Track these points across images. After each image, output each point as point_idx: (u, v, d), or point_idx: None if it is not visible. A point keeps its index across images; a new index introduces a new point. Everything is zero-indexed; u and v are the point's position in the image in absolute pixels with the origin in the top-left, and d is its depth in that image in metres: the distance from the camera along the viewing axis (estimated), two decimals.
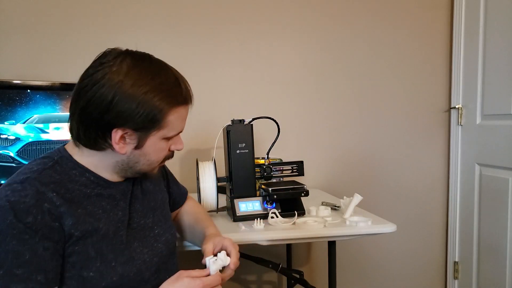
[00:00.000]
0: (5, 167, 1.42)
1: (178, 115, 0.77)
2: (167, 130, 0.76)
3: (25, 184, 0.69)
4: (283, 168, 1.45)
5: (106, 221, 0.76)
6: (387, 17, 2.01)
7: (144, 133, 0.74)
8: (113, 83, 0.70)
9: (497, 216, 1.79)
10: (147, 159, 0.79)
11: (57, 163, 0.76)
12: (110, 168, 0.80)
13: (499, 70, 1.76)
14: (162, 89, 0.72)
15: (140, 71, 0.71)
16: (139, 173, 0.82)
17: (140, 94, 0.70)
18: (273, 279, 2.01)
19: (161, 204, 0.93)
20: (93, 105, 0.70)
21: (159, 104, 0.72)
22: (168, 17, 1.81)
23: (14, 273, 0.64)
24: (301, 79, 1.95)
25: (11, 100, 1.42)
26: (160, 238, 0.87)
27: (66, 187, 0.74)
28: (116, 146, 0.74)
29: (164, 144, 0.80)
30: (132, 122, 0.71)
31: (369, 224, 1.24)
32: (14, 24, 1.68)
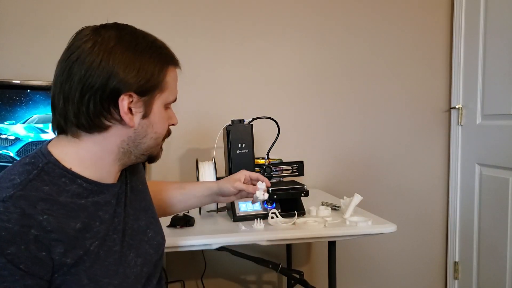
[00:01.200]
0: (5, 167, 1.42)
1: (173, 76, 0.74)
2: (167, 93, 0.73)
3: (8, 203, 0.58)
4: (283, 168, 1.45)
5: (103, 236, 0.68)
6: (387, 17, 2.01)
7: (149, 97, 0.70)
8: (108, 49, 0.65)
9: (497, 216, 1.79)
10: (154, 130, 0.73)
11: (43, 171, 0.65)
12: (112, 155, 0.71)
13: (499, 70, 1.76)
14: (154, 50, 0.70)
15: (128, 35, 0.69)
16: (145, 153, 0.75)
17: (138, 55, 0.67)
18: (273, 279, 2.01)
19: (150, 204, 0.87)
20: (93, 74, 0.64)
21: (157, 64, 0.70)
22: (168, 17, 1.81)
23: None
24: (301, 79, 1.95)
25: (11, 100, 1.42)
26: (152, 242, 0.81)
27: (57, 202, 0.63)
28: (125, 117, 0.67)
29: (165, 113, 0.75)
30: (136, 85, 0.67)
31: (369, 224, 1.24)
32: (14, 24, 1.68)
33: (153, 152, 0.76)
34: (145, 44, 0.69)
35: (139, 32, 0.71)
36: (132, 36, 0.69)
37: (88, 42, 0.66)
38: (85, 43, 0.66)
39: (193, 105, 1.84)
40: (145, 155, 0.75)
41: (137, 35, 0.70)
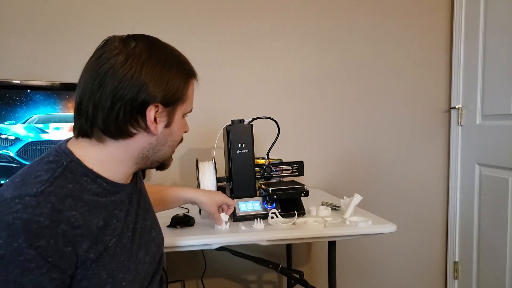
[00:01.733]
0: (5, 167, 1.42)
1: (192, 88, 0.80)
2: (187, 104, 0.79)
3: (40, 198, 0.60)
4: (283, 168, 1.45)
5: (119, 233, 0.72)
6: (387, 17, 2.01)
7: (172, 108, 0.75)
8: (140, 62, 0.70)
9: (497, 216, 1.79)
10: (173, 139, 0.79)
11: (67, 169, 0.68)
12: (132, 159, 0.76)
13: (499, 70, 1.76)
14: (181, 64, 0.76)
15: (158, 50, 0.74)
16: (160, 160, 0.81)
17: (167, 70, 0.72)
18: (273, 279, 2.01)
19: (151, 205, 0.91)
20: (125, 86, 0.68)
21: (182, 78, 0.75)
22: (169, 17, 1.81)
23: None
24: (301, 79, 1.95)
25: (11, 100, 1.42)
26: (156, 240, 0.86)
27: (82, 199, 0.66)
28: (151, 126, 0.72)
29: (183, 122, 0.81)
30: (164, 98, 0.72)
31: (369, 224, 1.24)
32: (14, 24, 1.68)
33: (167, 159, 0.83)
34: (173, 59, 0.75)
35: (167, 46, 0.77)
36: (162, 51, 0.74)
37: (120, 54, 0.70)
38: (117, 55, 0.70)
39: (194, 105, 1.83)
40: (159, 161, 0.81)
41: (165, 49, 0.75)
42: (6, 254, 0.57)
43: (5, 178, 1.42)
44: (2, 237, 0.57)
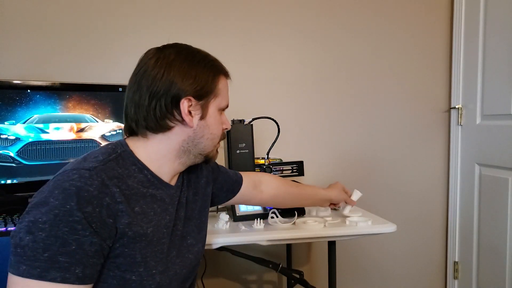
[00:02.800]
0: (5, 167, 1.41)
1: (224, 84, 0.88)
2: (220, 98, 0.86)
3: (93, 172, 0.70)
4: (283, 168, 1.45)
5: (155, 225, 0.78)
6: (387, 17, 2.01)
7: (205, 101, 0.82)
8: (169, 62, 0.79)
9: (497, 216, 1.79)
10: (210, 131, 0.84)
11: (120, 156, 0.78)
12: (174, 153, 0.82)
13: (499, 70, 1.76)
14: (208, 62, 0.83)
15: (185, 50, 0.82)
16: (202, 153, 0.86)
17: (193, 66, 0.80)
18: (273, 279, 2.01)
19: (197, 214, 0.94)
20: (158, 83, 0.78)
21: (210, 73, 0.82)
22: (168, 17, 1.81)
23: (57, 259, 0.65)
24: (301, 79, 1.95)
25: (11, 100, 1.42)
26: (193, 248, 0.90)
27: (126, 183, 0.75)
28: (186, 118, 0.79)
29: (219, 117, 0.87)
30: (194, 91, 0.79)
31: (369, 224, 1.24)
32: (14, 24, 1.68)
33: (210, 153, 0.88)
34: (200, 57, 0.82)
35: (194, 48, 0.85)
36: (188, 51, 0.82)
37: (152, 59, 0.80)
38: (150, 59, 0.80)
39: None
40: (202, 154, 0.86)
41: (192, 50, 0.84)
42: (59, 214, 0.65)
43: (5, 178, 1.42)
44: (59, 199, 0.66)
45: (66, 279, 0.65)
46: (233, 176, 1.12)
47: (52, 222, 0.65)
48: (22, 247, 0.64)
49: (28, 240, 0.64)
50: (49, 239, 0.64)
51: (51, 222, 0.65)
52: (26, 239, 0.64)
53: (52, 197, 0.67)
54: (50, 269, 0.64)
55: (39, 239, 0.64)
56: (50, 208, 0.66)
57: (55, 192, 0.67)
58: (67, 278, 0.65)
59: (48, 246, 0.64)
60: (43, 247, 0.64)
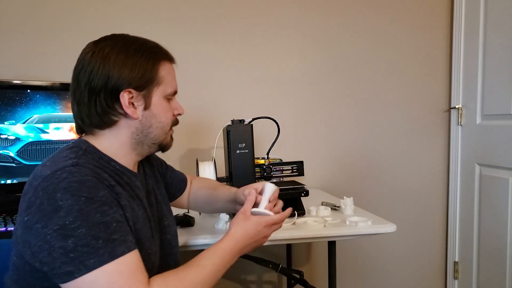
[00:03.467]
0: (5, 167, 1.41)
1: (167, 70, 0.83)
2: (164, 86, 0.82)
3: (78, 166, 0.70)
4: (283, 168, 1.45)
5: (139, 208, 0.80)
6: (387, 17, 2.01)
7: (147, 91, 0.79)
8: (104, 55, 0.77)
9: (497, 216, 1.79)
10: (158, 120, 0.82)
11: (86, 151, 0.77)
12: (127, 146, 0.82)
13: (499, 70, 1.76)
14: (145, 49, 0.80)
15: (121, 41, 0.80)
16: (155, 142, 0.85)
17: (130, 56, 0.77)
18: (273, 279, 2.01)
19: (164, 199, 0.98)
20: (94, 78, 0.76)
21: (149, 60, 0.79)
22: (169, 17, 1.81)
23: (113, 238, 0.67)
24: (301, 79, 1.95)
25: (11, 100, 1.42)
26: (170, 229, 0.93)
27: (106, 171, 0.75)
28: (128, 110, 0.77)
29: (166, 104, 0.84)
30: (133, 82, 0.77)
31: (369, 224, 1.24)
32: (14, 24, 1.68)
33: (163, 141, 0.86)
34: (136, 46, 0.79)
35: (132, 37, 0.82)
36: (124, 42, 0.80)
37: (88, 53, 0.78)
38: (86, 54, 0.78)
39: (193, 105, 1.84)
40: (155, 143, 0.85)
41: (129, 40, 0.81)
42: (82, 207, 0.66)
43: (5, 178, 1.42)
44: (69, 198, 0.66)
45: (130, 247, 0.69)
46: (180, 175, 1.14)
47: (82, 217, 0.66)
48: (73, 250, 0.65)
49: (73, 242, 0.65)
50: (92, 230, 0.66)
51: (81, 218, 0.66)
52: (70, 243, 0.65)
53: (59, 200, 0.66)
54: (115, 247, 0.67)
55: (83, 235, 0.65)
56: (68, 208, 0.65)
57: (58, 196, 0.66)
58: (130, 246, 0.69)
59: (97, 235, 0.66)
60: (93, 238, 0.66)
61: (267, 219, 0.86)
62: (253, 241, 0.86)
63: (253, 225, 0.85)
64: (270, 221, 0.87)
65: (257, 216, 0.86)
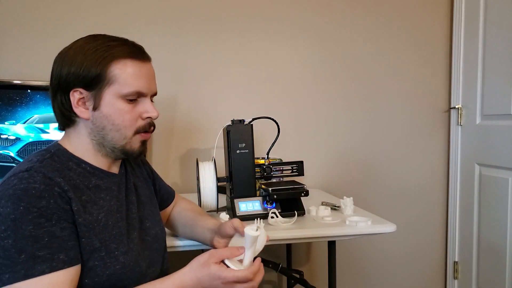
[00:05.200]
0: (5, 167, 1.42)
1: (123, 68, 0.77)
2: (119, 85, 0.77)
3: (31, 171, 0.70)
4: (283, 168, 1.44)
5: (107, 210, 0.79)
6: (387, 17, 2.01)
7: (96, 91, 0.77)
8: (63, 56, 0.78)
9: (497, 216, 1.79)
10: (111, 123, 0.78)
11: (55, 154, 0.78)
12: (91, 146, 0.81)
13: (499, 70, 1.76)
14: (105, 48, 0.77)
15: (85, 40, 0.79)
16: (116, 146, 0.80)
17: (84, 55, 0.76)
18: (273, 279, 2.01)
19: (149, 200, 0.96)
20: (53, 78, 0.79)
21: (101, 59, 0.76)
22: (168, 17, 1.81)
23: (37, 255, 0.65)
24: (301, 79, 1.96)
25: (11, 100, 1.42)
26: (150, 231, 0.90)
27: (68, 175, 0.75)
28: (76, 110, 0.77)
29: (124, 105, 0.78)
30: (80, 82, 0.76)
31: (369, 224, 1.24)
32: (14, 24, 1.68)
33: (125, 146, 0.81)
34: (95, 44, 0.77)
35: (100, 37, 0.80)
36: (86, 41, 0.78)
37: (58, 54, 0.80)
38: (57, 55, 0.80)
39: (193, 105, 1.84)
40: (117, 148, 0.81)
41: (93, 39, 0.79)
42: (17, 217, 0.66)
43: None
44: (9, 206, 0.66)
45: (54, 267, 0.66)
46: (168, 187, 1.13)
47: (14, 227, 0.65)
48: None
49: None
50: (19, 242, 0.65)
51: (12, 228, 0.65)
52: None
53: (1, 207, 0.66)
54: (35, 265, 0.65)
55: (8, 247, 0.64)
56: (4, 216, 0.66)
57: (1, 202, 0.67)
58: (54, 266, 0.66)
59: (21, 248, 0.65)
60: (17, 251, 0.64)
61: (227, 275, 0.71)
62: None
63: (208, 276, 0.72)
64: (232, 278, 0.72)
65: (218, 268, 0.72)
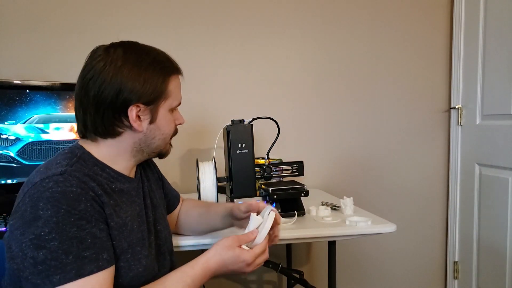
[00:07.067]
0: (5, 167, 1.42)
1: (175, 84, 0.84)
2: (171, 99, 0.83)
3: (66, 175, 0.71)
4: (283, 168, 1.45)
5: (131, 214, 0.81)
6: (387, 17, 2.01)
7: (154, 105, 0.80)
8: (117, 67, 0.76)
9: (497, 216, 1.79)
10: (161, 133, 0.84)
11: (81, 158, 0.78)
12: (127, 153, 0.83)
13: (499, 70, 1.76)
14: (157, 63, 0.80)
15: (134, 53, 0.79)
16: (155, 151, 0.87)
17: (142, 71, 0.78)
18: (273, 279, 2.01)
19: (161, 203, 0.98)
20: (105, 90, 0.76)
21: (160, 75, 0.80)
22: (169, 17, 1.81)
23: (84, 255, 0.67)
24: (301, 79, 1.96)
25: (11, 100, 1.42)
26: (161, 234, 0.93)
27: (97, 179, 0.76)
28: (134, 124, 0.79)
29: (171, 116, 0.85)
30: (142, 97, 0.78)
31: (369, 224, 1.24)
32: (14, 24, 1.68)
33: (163, 149, 0.88)
34: (148, 60, 0.80)
35: (143, 48, 0.82)
36: (137, 54, 0.79)
37: (100, 62, 0.77)
38: (98, 62, 0.77)
39: (194, 105, 1.84)
40: (155, 152, 0.88)
41: (141, 52, 0.81)
42: (59, 219, 0.67)
43: (5, 178, 1.42)
44: (49, 209, 0.67)
45: (101, 266, 0.69)
46: (173, 190, 1.13)
47: (58, 230, 0.66)
48: (42, 263, 0.65)
49: (44, 254, 0.65)
50: (65, 244, 0.66)
51: (56, 230, 0.66)
52: (41, 254, 0.65)
53: (40, 209, 0.67)
54: (83, 265, 0.67)
55: (54, 248, 0.66)
56: (46, 219, 0.66)
57: (40, 205, 0.67)
58: (101, 266, 0.69)
59: (68, 250, 0.66)
60: (64, 252, 0.66)
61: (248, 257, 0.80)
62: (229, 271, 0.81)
63: (233, 258, 0.80)
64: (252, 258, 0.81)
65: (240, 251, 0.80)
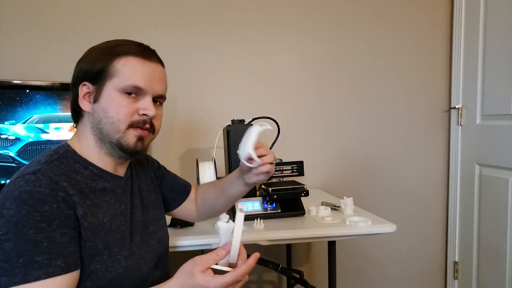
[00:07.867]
0: (5, 167, 1.42)
1: (128, 65, 0.80)
2: (118, 79, 0.79)
3: (38, 174, 0.71)
4: (283, 168, 1.45)
5: (111, 214, 0.80)
6: (387, 17, 2.01)
7: (99, 84, 0.80)
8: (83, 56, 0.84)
9: (497, 216, 1.79)
10: (106, 115, 0.79)
11: (63, 156, 0.79)
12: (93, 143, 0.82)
13: (499, 70, 1.76)
14: (112, 46, 0.82)
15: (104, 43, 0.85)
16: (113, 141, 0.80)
17: (94, 52, 0.82)
18: (273, 279, 2.01)
19: (153, 204, 0.97)
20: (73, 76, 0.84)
21: (107, 55, 0.81)
22: (169, 17, 1.81)
23: (35, 260, 0.66)
24: (301, 79, 1.96)
25: (11, 100, 1.42)
26: (155, 235, 0.91)
27: (75, 178, 0.76)
28: (80, 103, 0.81)
29: (122, 99, 0.79)
30: (88, 75, 0.80)
31: (369, 224, 1.24)
32: (14, 24, 1.68)
33: (120, 140, 0.80)
34: (106, 44, 0.83)
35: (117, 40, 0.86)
36: (102, 44, 0.84)
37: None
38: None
39: (193, 105, 1.84)
40: (113, 143, 0.81)
41: (106, 42, 0.85)
42: (19, 220, 0.67)
43: (5, 178, 1.42)
44: (12, 208, 0.67)
45: (51, 273, 0.67)
46: (182, 181, 1.12)
47: (15, 231, 0.66)
48: None
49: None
50: (19, 246, 0.66)
51: (14, 231, 0.66)
52: None
53: (5, 208, 0.67)
54: (31, 270, 0.65)
55: (8, 250, 0.65)
56: (7, 219, 0.67)
57: (6, 204, 0.68)
58: (51, 272, 0.67)
59: (20, 252, 0.66)
60: (16, 254, 0.65)
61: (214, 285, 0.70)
62: None
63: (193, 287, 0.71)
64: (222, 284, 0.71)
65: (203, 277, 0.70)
